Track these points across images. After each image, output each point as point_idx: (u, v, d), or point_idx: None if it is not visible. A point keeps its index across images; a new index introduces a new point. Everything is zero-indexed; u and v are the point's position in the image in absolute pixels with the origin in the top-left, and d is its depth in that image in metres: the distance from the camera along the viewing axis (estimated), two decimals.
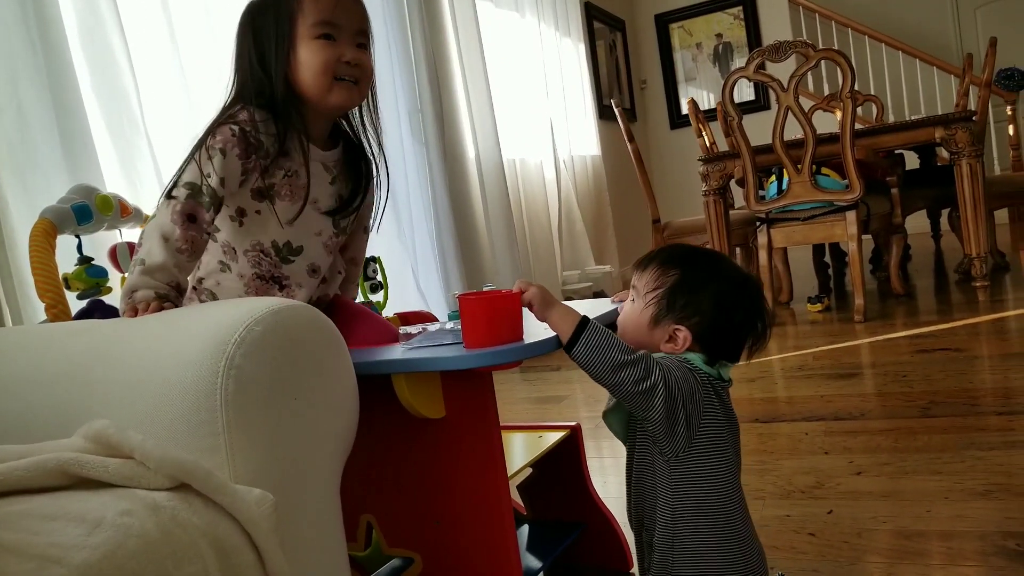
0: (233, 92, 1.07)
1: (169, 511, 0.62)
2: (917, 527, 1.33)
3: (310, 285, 1.12)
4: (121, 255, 1.54)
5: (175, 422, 0.75)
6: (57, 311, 1.34)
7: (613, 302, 1.13)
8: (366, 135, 1.16)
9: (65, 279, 1.42)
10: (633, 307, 0.95)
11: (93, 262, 1.48)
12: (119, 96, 1.86)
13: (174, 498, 0.64)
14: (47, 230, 1.39)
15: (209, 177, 0.99)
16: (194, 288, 1.11)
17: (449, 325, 1.06)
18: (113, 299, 1.48)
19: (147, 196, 1.86)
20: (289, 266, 1.09)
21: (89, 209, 1.44)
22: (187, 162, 1.00)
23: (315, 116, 1.08)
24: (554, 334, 0.92)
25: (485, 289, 1.12)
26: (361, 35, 1.06)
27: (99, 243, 1.61)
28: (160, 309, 0.93)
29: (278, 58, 1.02)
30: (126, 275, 1.53)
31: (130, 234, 1.64)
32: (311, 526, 0.83)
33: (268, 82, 1.03)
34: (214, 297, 1.09)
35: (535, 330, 0.97)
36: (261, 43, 1.04)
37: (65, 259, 1.44)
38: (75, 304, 1.42)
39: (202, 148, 1.00)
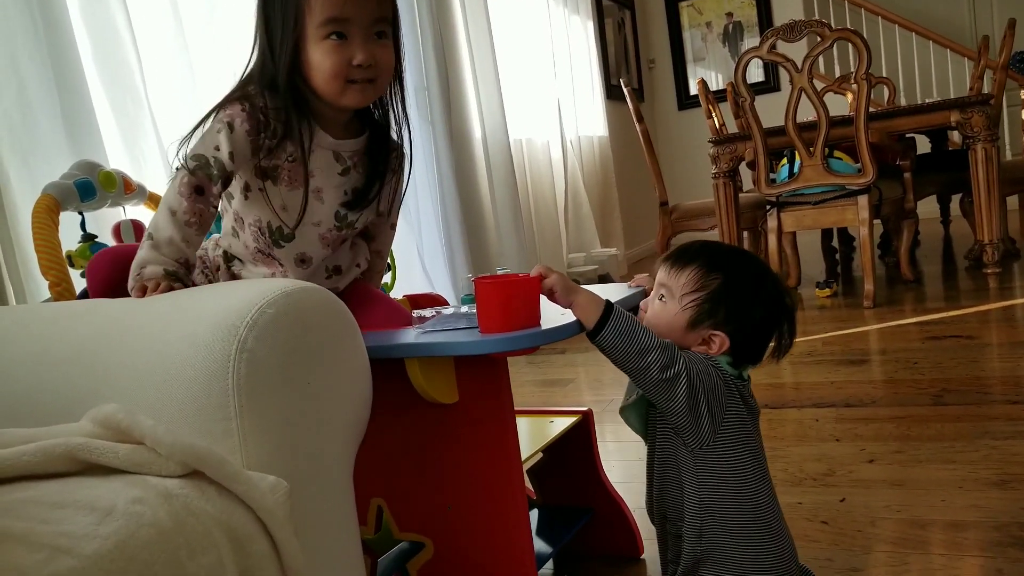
0: (249, 70, 1.03)
1: (182, 499, 0.60)
2: (931, 516, 1.31)
3: (297, 274, 1.07)
4: (125, 232, 1.52)
5: (186, 406, 0.73)
6: (61, 289, 1.32)
7: (631, 287, 1.10)
8: (397, 122, 1.10)
9: (69, 256, 1.40)
10: (666, 308, 0.91)
11: (97, 239, 1.46)
12: (122, 72, 1.83)
13: (187, 486, 0.62)
14: (50, 206, 1.37)
15: (218, 150, 0.96)
16: (217, 244, 1.11)
17: (464, 309, 1.03)
18: None
19: (151, 173, 1.83)
20: (279, 250, 1.07)
21: (92, 185, 1.42)
22: (193, 130, 0.98)
23: (331, 107, 1.03)
24: (573, 319, 0.90)
25: (499, 272, 1.09)
26: (379, 23, 0.99)
27: (103, 220, 1.59)
28: (169, 289, 0.91)
29: (283, 56, 0.98)
30: None
31: (134, 211, 1.62)
32: (324, 511, 0.81)
33: (277, 74, 0.99)
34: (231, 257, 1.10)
35: (550, 315, 0.95)
36: (270, 35, 0.99)
37: (68, 236, 1.42)
38: (79, 282, 1.40)
39: (212, 120, 0.97)
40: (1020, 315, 2.67)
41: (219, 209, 1.04)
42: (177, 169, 0.98)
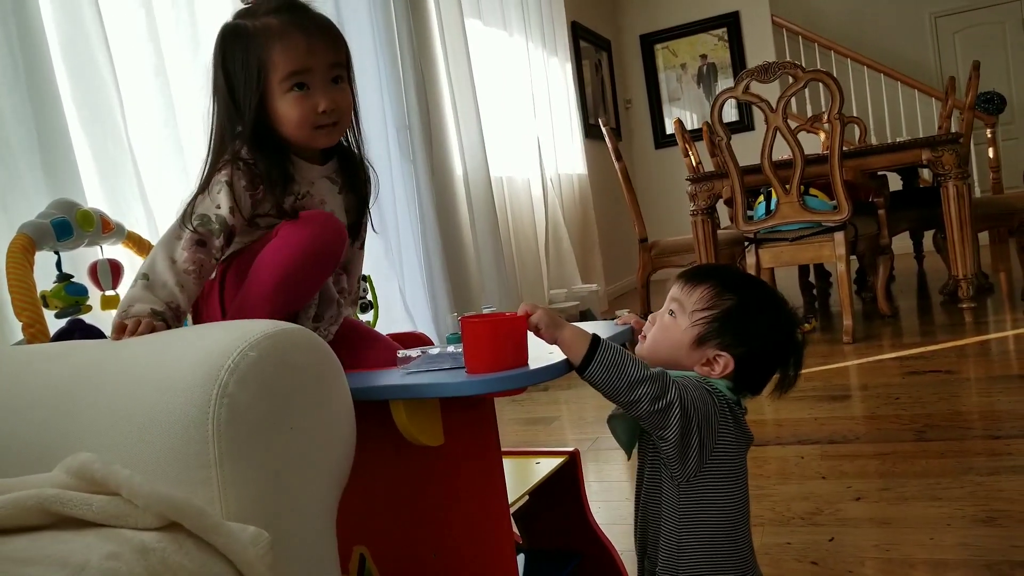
0: (216, 129, 1.07)
1: (159, 554, 0.58)
2: (920, 555, 1.30)
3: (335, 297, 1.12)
4: (102, 272, 1.49)
5: (163, 454, 0.70)
6: (35, 331, 1.29)
7: (617, 324, 1.09)
8: (352, 144, 1.16)
9: (43, 297, 1.37)
10: (675, 322, 0.91)
11: (73, 279, 1.43)
12: (103, 109, 1.81)
13: (164, 539, 0.59)
14: (25, 246, 1.34)
15: (219, 208, 1.00)
16: None
17: (450, 348, 1.02)
18: (93, 318, 1.43)
19: (130, 213, 1.81)
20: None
21: (69, 224, 1.39)
22: (194, 197, 1.02)
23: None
24: (562, 358, 0.89)
25: (485, 311, 1.08)
26: (336, 68, 1.04)
27: (79, 260, 1.55)
28: (151, 330, 0.89)
29: (248, 112, 1.02)
30: (107, 293, 1.49)
31: (112, 251, 1.59)
32: (305, 561, 0.78)
33: (244, 126, 1.04)
34: None
35: (537, 353, 0.94)
36: (233, 93, 1.03)
37: (44, 276, 1.39)
38: (53, 323, 1.37)
39: (209, 183, 1.02)
40: (996, 349, 2.70)
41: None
42: (180, 227, 1.00)
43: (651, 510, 0.92)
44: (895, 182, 4.33)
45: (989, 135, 4.98)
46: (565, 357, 0.89)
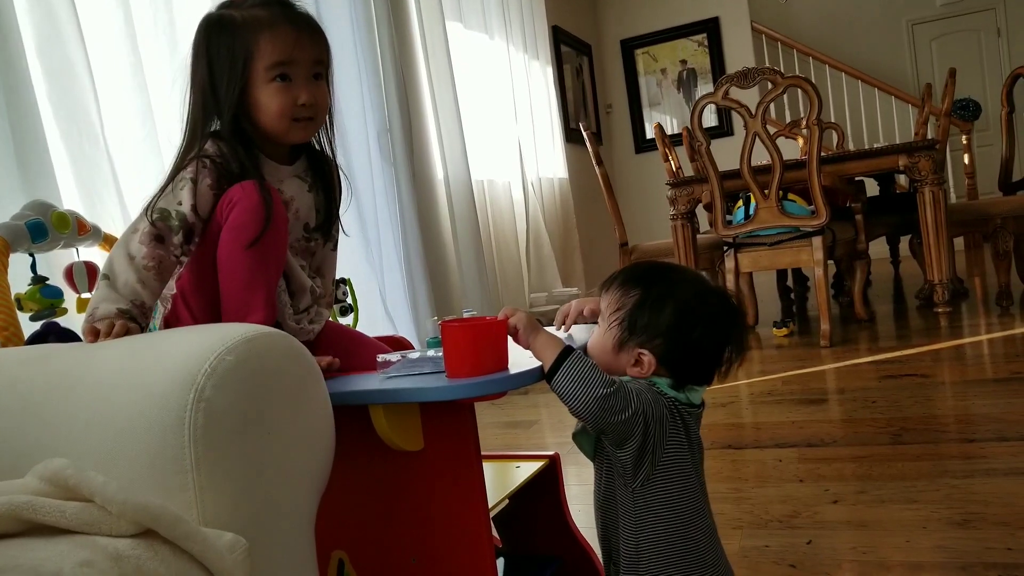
0: (189, 118, 1.06)
1: (133, 561, 0.57)
2: (898, 558, 1.31)
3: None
4: (78, 275, 1.47)
5: (139, 460, 0.69)
6: (8, 334, 1.27)
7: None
8: (325, 145, 1.17)
9: (17, 300, 1.35)
10: (599, 332, 0.93)
11: (48, 282, 1.41)
12: (78, 111, 1.79)
13: (139, 546, 0.58)
14: None
15: (180, 205, 0.99)
16: None
17: (430, 353, 1.01)
18: (69, 321, 1.41)
19: (106, 214, 1.78)
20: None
21: (44, 226, 1.37)
22: (160, 191, 1.01)
23: (274, 143, 1.10)
24: (540, 363, 0.89)
25: (466, 315, 1.08)
26: (317, 65, 1.05)
27: (55, 262, 1.53)
28: (125, 331, 0.88)
29: (229, 99, 1.02)
30: (83, 296, 1.47)
31: (87, 253, 1.57)
32: (283, 568, 0.77)
33: (221, 117, 1.04)
34: None
35: (518, 358, 0.94)
36: (215, 79, 1.03)
37: (18, 278, 1.37)
38: (28, 326, 1.35)
39: (174, 179, 1.01)
40: (970, 353, 2.74)
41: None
42: (139, 220, 0.99)
43: (609, 516, 0.93)
44: (872, 187, 4.38)
45: (965, 141, 5.06)
46: None
